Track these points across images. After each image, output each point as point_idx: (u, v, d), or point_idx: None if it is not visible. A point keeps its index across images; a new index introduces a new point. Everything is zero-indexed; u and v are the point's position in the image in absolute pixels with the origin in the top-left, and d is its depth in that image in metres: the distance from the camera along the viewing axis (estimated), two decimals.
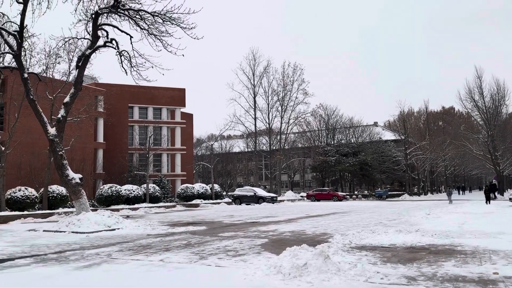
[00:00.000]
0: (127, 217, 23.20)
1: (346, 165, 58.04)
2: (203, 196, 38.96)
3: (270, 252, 9.85)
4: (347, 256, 9.01)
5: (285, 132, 62.41)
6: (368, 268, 7.61)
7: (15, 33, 18.23)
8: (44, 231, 16.48)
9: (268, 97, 59.91)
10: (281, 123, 60.30)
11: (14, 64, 20.56)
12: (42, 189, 28.01)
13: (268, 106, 59.85)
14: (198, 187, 39.86)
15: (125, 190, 32.76)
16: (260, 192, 42.92)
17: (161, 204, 34.79)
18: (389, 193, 55.00)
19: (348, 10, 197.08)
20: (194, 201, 37.37)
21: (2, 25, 19.31)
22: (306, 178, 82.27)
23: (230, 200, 41.16)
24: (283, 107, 59.58)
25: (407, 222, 17.79)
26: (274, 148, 61.45)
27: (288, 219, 20.93)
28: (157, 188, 37.02)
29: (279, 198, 44.79)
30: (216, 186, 43.45)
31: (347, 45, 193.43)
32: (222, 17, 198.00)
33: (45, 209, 26.45)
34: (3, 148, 27.43)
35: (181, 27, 18.18)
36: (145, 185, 35.51)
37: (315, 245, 8.56)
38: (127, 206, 30.87)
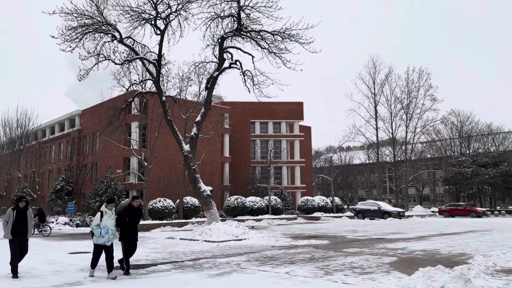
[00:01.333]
0: (252, 227, 24.15)
1: (485, 177, 51.82)
2: (323, 209, 38.59)
3: (400, 272, 9.24)
4: (492, 280, 7.97)
5: (411, 142, 58.48)
6: None
7: (154, 61, 20.68)
8: (180, 239, 18.11)
9: (390, 105, 56.99)
10: (406, 132, 56.66)
11: (154, 89, 23.26)
12: (178, 200, 30.91)
13: (391, 114, 56.88)
14: (318, 199, 39.63)
15: (249, 201, 34.23)
16: (385, 206, 40.77)
17: (282, 216, 35.48)
18: None
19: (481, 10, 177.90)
20: (314, 214, 37.24)
21: (144, 55, 22.06)
22: (437, 191, 75.60)
23: (352, 214, 39.95)
24: (407, 115, 55.99)
25: None
26: (399, 159, 58.02)
27: (418, 236, 19.43)
28: (278, 200, 37.89)
29: (406, 213, 41.97)
30: (337, 199, 42.65)
31: (478, 42, 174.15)
32: (338, 28, 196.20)
33: (181, 218, 29.09)
34: (146, 164, 31.14)
35: (299, 43, 18.55)
36: (267, 197, 36.64)
37: (452, 267, 7.77)
38: (251, 217, 32.17)
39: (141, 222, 26.36)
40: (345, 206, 44.78)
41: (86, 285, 8.12)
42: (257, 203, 34.40)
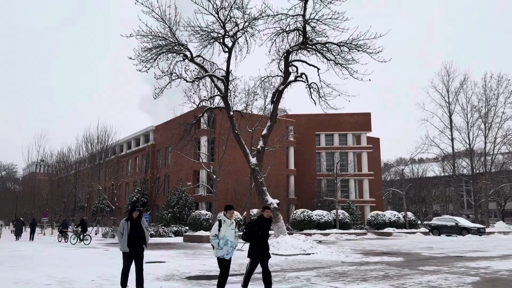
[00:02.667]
0: (320, 242, 23.71)
1: None
2: (395, 224, 36.89)
3: None
4: None
5: (491, 153, 54.20)
6: None
7: (223, 78, 21.37)
8: None
9: (467, 114, 53.41)
10: (485, 143, 52.65)
11: (222, 104, 23.99)
12: (245, 212, 31.32)
13: (468, 124, 53.25)
14: (390, 214, 37.99)
15: (315, 215, 33.75)
16: (463, 222, 38.01)
17: (351, 230, 34.47)
18: None
19: None
20: (385, 230, 35.71)
21: (213, 72, 22.90)
22: None
23: (427, 230, 37.73)
24: (486, 124, 52.10)
25: None
26: (477, 171, 54.00)
27: (502, 255, 17.85)
28: (346, 214, 36.92)
29: (487, 230, 38.78)
30: (410, 214, 40.56)
31: None
32: (408, 37, 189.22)
33: None
34: (214, 176, 32.04)
35: (367, 53, 18.18)
36: (334, 211, 35.87)
37: None
38: (318, 231, 31.64)
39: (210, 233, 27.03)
40: (419, 222, 42.44)
41: None
42: (324, 216, 33.81)
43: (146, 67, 19.28)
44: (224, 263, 7.74)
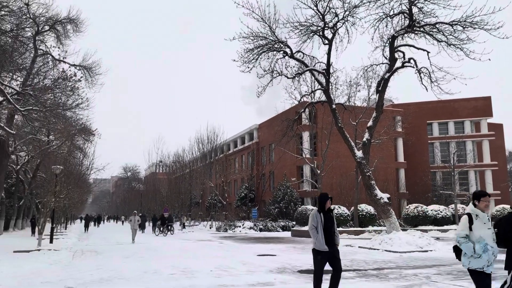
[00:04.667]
0: (437, 239, 22.07)
1: None
2: None
3: None
4: None
5: None
6: None
7: (323, 71, 21.05)
8: (359, 247, 17.79)
9: None
10: None
11: (323, 98, 23.68)
12: (352, 208, 30.53)
13: None
14: None
15: (431, 210, 31.44)
16: None
17: None
18: None
19: None
20: None
21: (313, 66, 22.71)
22: None
23: None
24: None
25: None
26: None
27: None
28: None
29: None
30: None
31: None
32: None
33: (356, 226, 28.62)
34: (318, 171, 31.83)
35: (485, 30, 16.33)
36: (452, 206, 33.02)
37: None
38: (435, 228, 29.43)
39: None
40: None
41: (276, 286, 8.64)
42: (440, 212, 31.30)
43: (248, 67, 19.88)
44: (487, 277, 5.21)
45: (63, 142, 29.40)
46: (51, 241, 19.94)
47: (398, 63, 19.48)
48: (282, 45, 20.15)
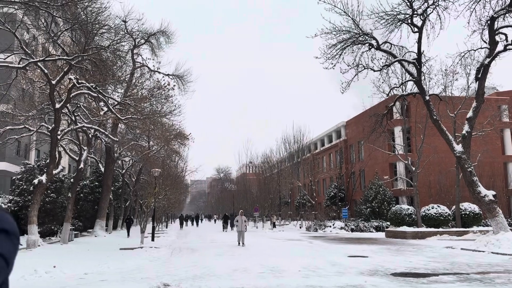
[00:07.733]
0: None
1: None
2: None
3: None
4: None
5: None
6: None
7: (414, 61, 19.77)
8: (461, 249, 16.36)
9: None
10: None
11: (415, 90, 22.24)
12: (453, 206, 28.21)
13: None
14: None
15: None
16: None
17: None
18: None
19: None
20: None
21: (402, 57, 21.44)
22: None
23: None
24: None
25: None
26: None
27: None
28: None
29: None
30: None
31: None
32: None
33: (458, 226, 26.38)
34: (413, 168, 29.96)
35: None
36: None
37: None
38: None
39: (415, 229, 25.35)
40: None
41: None
42: None
43: (332, 63, 19.44)
44: None
45: (161, 147, 31.73)
46: (152, 239, 21.58)
47: (500, 47, 17.55)
48: (367, 37, 19.36)
